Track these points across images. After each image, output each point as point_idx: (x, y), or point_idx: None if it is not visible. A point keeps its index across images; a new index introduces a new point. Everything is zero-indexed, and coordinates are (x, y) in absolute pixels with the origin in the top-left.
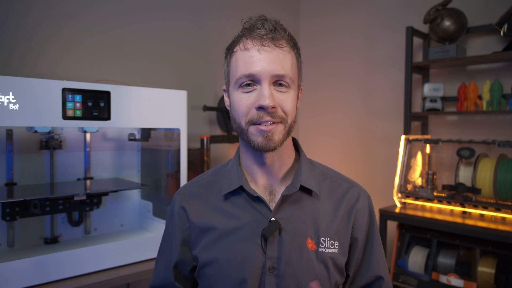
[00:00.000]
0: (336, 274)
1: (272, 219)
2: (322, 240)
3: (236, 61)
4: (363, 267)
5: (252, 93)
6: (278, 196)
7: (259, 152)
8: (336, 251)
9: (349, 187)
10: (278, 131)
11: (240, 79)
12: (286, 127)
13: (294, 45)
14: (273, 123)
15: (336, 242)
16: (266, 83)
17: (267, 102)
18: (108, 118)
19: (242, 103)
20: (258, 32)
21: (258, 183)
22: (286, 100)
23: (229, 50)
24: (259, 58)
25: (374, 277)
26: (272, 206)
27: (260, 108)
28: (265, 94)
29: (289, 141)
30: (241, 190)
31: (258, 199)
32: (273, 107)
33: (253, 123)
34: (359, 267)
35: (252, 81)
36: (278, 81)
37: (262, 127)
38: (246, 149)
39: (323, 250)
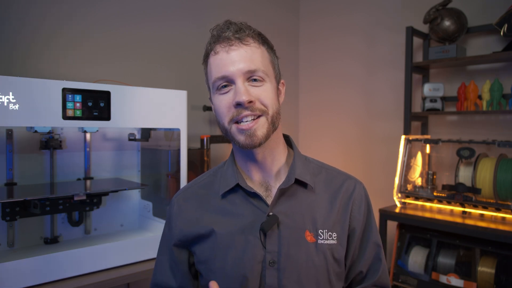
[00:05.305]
0: (336, 265)
1: (270, 213)
2: (321, 232)
3: (210, 67)
4: (360, 256)
5: (229, 93)
6: (274, 192)
7: (249, 149)
8: (335, 242)
9: (344, 179)
10: (260, 126)
11: (215, 82)
12: (268, 119)
13: (264, 41)
14: (254, 119)
15: (334, 233)
16: (240, 80)
17: (243, 98)
18: (108, 118)
19: (222, 104)
20: (224, 35)
21: (254, 180)
22: (263, 93)
23: (204, 59)
24: (229, 59)
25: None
26: (269, 201)
27: (238, 104)
28: (240, 91)
29: (279, 136)
30: (238, 188)
31: (255, 195)
32: (250, 102)
33: (235, 121)
34: (357, 257)
35: (227, 82)
36: (251, 77)
37: (243, 126)
38: (237, 148)
39: (322, 241)
